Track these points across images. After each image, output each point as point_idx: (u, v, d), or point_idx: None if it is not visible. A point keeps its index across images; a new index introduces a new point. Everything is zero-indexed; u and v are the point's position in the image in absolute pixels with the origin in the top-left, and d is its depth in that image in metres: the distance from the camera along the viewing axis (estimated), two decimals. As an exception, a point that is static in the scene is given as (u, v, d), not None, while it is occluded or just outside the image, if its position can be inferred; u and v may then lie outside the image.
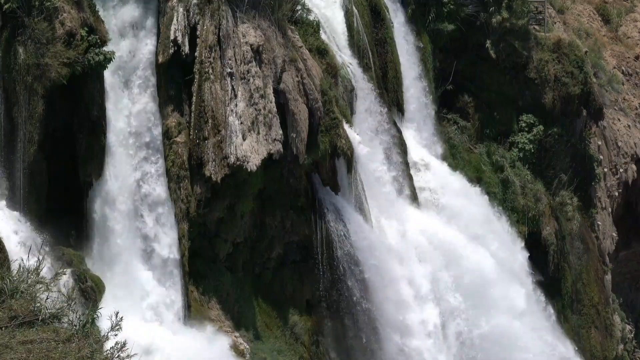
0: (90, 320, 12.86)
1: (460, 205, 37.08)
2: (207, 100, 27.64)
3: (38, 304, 13.12)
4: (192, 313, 27.57)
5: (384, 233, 32.93)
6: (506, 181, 39.91)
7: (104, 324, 13.10)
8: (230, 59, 28.07)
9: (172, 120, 27.68)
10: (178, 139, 27.60)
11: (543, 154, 41.45)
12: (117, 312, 12.63)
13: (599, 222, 44.17)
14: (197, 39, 27.83)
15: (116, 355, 11.92)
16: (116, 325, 12.28)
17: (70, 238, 25.53)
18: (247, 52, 28.37)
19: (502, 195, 39.64)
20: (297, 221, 30.79)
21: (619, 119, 47.42)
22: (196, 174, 27.71)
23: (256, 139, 28.04)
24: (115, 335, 12.47)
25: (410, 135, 37.00)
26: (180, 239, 27.47)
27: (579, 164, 42.46)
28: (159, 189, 27.24)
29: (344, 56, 33.59)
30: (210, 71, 27.74)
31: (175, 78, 27.95)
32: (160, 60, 27.26)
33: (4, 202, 24.31)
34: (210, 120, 27.62)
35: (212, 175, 27.50)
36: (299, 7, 31.49)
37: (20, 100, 24.26)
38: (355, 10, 34.52)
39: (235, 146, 27.64)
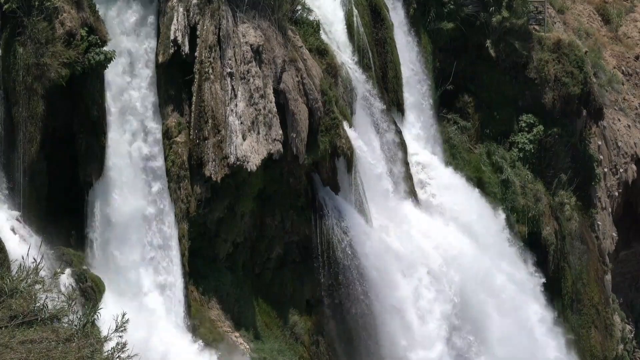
0: (90, 320, 12.83)
1: (460, 205, 37.07)
2: (207, 100, 27.63)
3: (38, 304, 13.09)
4: (192, 313, 27.56)
5: (383, 233, 32.91)
6: (506, 181, 39.89)
7: (104, 325, 13.07)
8: (230, 59, 28.06)
9: (172, 120, 27.66)
10: (178, 139, 27.59)
11: (543, 154, 41.43)
12: (124, 314, 12.56)
13: (599, 222, 44.16)
14: (197, 39, 27.82)
15: (117, 356, 11.89)
16: (121, 326, 12.24)
17: (70, 238, 25.51)
18: (247, 52, 28.37)
19: (502, 195, 39.64)
20: (297, 221, 30.79)
21: (619, 119, 47.42)
22: (196, 174, 27.70)
23: (256, 139, 28.03)
24: (120, 336, 12.42)
25: (410, 135, 36.98)
26: (180, 239, 27.45)
27: (579, 164, 42.45)
28: None
29: (344, 56, 33.58)
30: (210, 71, 27.72)
31: (175, 78, 27.94)
32: (160, 60, 27.24)
33: (4, 202, 24.29)
34: (210, 120, 27.61)
35: (212, 175, 27.49)
36: (299, 7, 31.48)
37: (20, 100, 24.24)
38: (355, 10, 34.51)
39: (235, 146, 27.63)
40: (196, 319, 27.63)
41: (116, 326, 12.18)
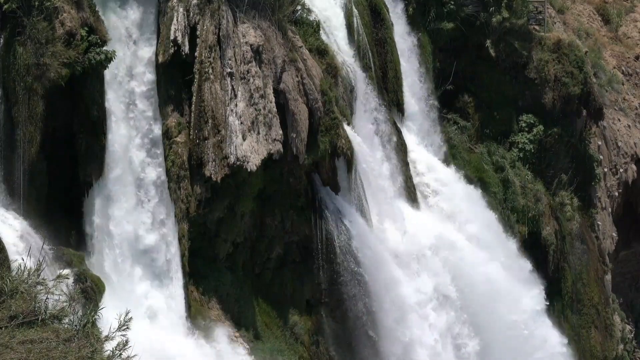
0: (90, 321, 12.82)
1: (460, 205, 37.07)
2: (207, 100, 27.62)
3: (38, 304, 13.07)
4: (192, 313, 27.56)
5: (383, 233, 32.91)
6: (506, 181, 39.89)
7: (105, 324, 13.06)
8: (230, 59, 28.06)
9: (172, 120, 27.65)
10: (178, 139, 27.58)
11: (543, 154, 41.45)
12: (127, 312, 12.55)
13: (599, 222, 44.17)
14: (197, 39, 27.81)
15: (117, 355, 11.88)
16: (124, 325, 12.22)
17: (70, 238, 25.50)
18: (247, 52, 28.37)
19: (502, 195, 39.63)
20: (297, 221, 30.79)
21: (619, 119, 47.43)
22: (196, 174, 27.69)
23: (256, 139, 28.03)
24: (123, 335, 12.40)
25: (410, 135, 36.98)
26: (180, 239, 27.44)
27: (579, 164, 42.46)
28: None
29: (344, 56, 33.58)
30: (210, 71, 27.72)
31: (175, 78, 27.93)
32: (160, 60, 27.22)
33: (3, 202, 24.28)
34: (210, 120, 27.61)
35: (212, 175, 27.49)
36: (299, 7, 31.48)
37: (20, 100, 24.22)
38: (355, 10, 34.51)
39: (235, 146, 27.63)
40: (196, 319, 27.62)
41: (119, 324, 12.16)
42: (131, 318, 12.41)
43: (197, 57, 27.75)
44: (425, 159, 37.33)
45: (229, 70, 28.00)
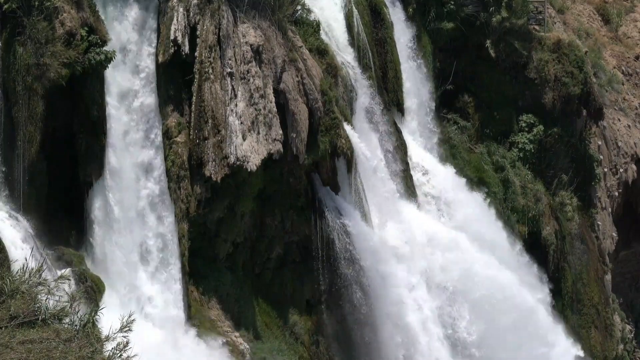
0: (91, 321, 12.82)
1: (460, 205, 37.07)
2: (207, 100, 27.62)
3: (38, 304, 13.07)
4: (192, 313, 27.56)
5: (383, 233, 32.91)
6: (506, 181, 39.88)
7: (105, 324, 13.06)
8: (230, 59, 28.06)
9: (172, 120, 27.66)
10: (178, 139, 27.59)
11: (543, 154, 41.44)
12: (130, 314, 12.55)
13: (599, 222, 44.16)
14: (197, 39, 27.81)
15: (118, 355, 11.88)
16: (126, 326, 12.22)
17: (70, 238, 25.50)
18: (247, 52, 28.37)
19: (502, 195, 39.63)
20: (297, 221, 30.80)
21: (619, 119, 47.42)
22: (196, 174, 27.70)
23: (256, 139, 28.03)
24: (125, 336, 12.41)
25: (410, 135, 36.97)
26: (180, 239, 27.44)
27: (579, 164, 42.45)
28: None
29: (344, 56, 33.58)
30: (210, 71, 27.72)
31: (175, 78, 27.93)
32: (160, 60, 27.23)
33: (4, 202, 24.28)
34: (210, 120, 27.61)
35: (212, 175, 27.49)
36: (299, 7, 31.48)
37: (20, 100, 24.23)
38: (355, 10, 34.51)
39: (235, 146, 27.63)
40: (196, 319, 27.62)
41: (121, 326, 12.16)
42: (134, 320, 12.41)
43: (197, 57, 27.76)
44: (425, 158, 37.32)
45: (229, 70, 28.00)
